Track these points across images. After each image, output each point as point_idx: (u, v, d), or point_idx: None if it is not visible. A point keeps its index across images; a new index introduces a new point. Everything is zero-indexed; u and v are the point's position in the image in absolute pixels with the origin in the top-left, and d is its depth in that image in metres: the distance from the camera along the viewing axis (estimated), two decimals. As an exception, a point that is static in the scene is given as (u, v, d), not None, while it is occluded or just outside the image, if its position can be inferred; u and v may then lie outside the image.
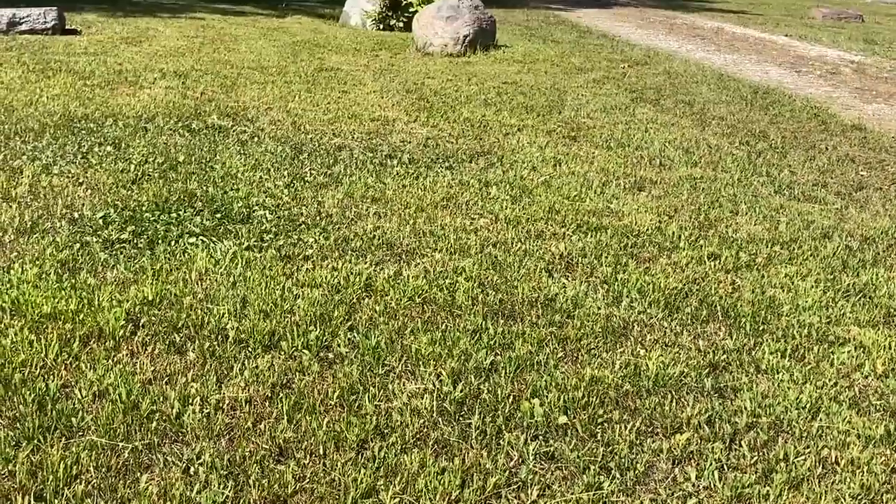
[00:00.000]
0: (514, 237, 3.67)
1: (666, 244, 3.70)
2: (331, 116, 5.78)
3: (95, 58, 7.36)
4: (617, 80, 7.95)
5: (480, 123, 5.83)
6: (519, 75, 7.89)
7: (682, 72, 8.57)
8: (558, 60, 8.87)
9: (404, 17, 11.12)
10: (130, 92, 6.09)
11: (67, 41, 8.12)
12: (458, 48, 8.93)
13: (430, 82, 7.28)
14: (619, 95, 7.18)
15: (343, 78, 7.26)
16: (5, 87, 5.96)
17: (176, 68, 7.09)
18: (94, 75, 6.56)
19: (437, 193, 4.21)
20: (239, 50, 8.39)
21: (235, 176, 4.28)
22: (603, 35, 11.80)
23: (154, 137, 4.91)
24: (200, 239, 3.42)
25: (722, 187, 4.65)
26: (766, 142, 5.85)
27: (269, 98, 6.23)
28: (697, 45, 11.47)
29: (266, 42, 9.01)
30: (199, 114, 5.57)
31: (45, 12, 8.52)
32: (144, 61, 7.38)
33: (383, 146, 5.09)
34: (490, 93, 6.95)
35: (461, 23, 9.03)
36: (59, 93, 5.87)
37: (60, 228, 3.42)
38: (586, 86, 7.54)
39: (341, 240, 3.52)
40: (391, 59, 8.50)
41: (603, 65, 8.76)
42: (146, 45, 8.27)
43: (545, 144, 5.35)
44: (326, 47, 8.94)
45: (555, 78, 7.83)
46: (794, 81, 8.75)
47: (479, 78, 7.61)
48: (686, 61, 9.42)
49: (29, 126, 4.94)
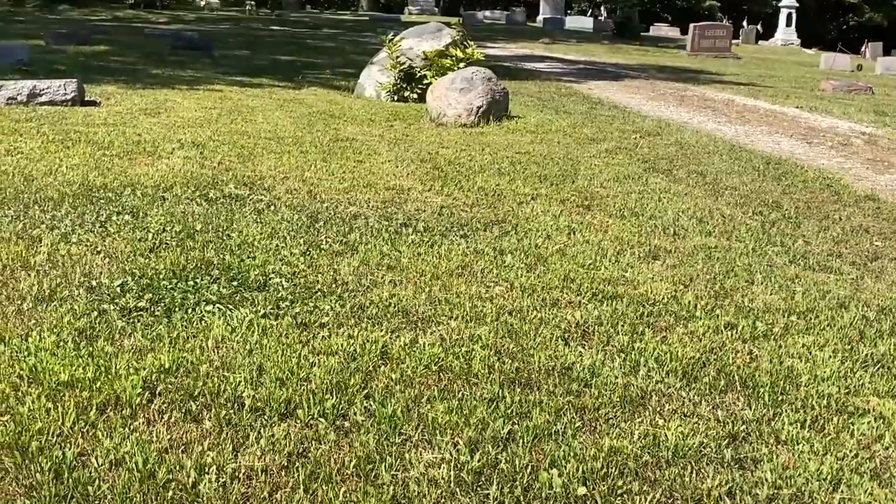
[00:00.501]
0: (530, 305, 3.67)
1: (682, 313, 3.69)
2: (346, 185, 5.83)
3: (114, 128, 7.46)
4: (629, 150, 8.01)
5: (494, 192, 5.87)
6: (532, 145, 7.96)
7: (693, 143, 8.63)
8: (571, 131, 8.95)
9: (418, 89, 11.27)
10: (149, 162, 6.16)
11: (87, 112, 8.25)
12: (471, 119, 9.02)
13: (444, 152, 7.35)
14: (632, 165, 7.23)
15: (358, 148, 7.34)
16: (25, 157, 6.04)
17: (194, 139, 7.18)
18: (112, 146, 6.64)
19: (453, 261, 4.22)
20: (256, 120, 8.50)
21: (252, 244, 4.31)
22: (614, 106, 11.92)
23: (172, 206, 4.96)
24: (217, 307, 3.43)
25: (737, 257, 4.65)
26: (780, 212, 5.86)
27: (285, 167, 6.30)
28: (708, 116, 11.56)
29: (282, 113, 9.13)
30: (216, 183, 5.63)
31: (65, 84, 8.67)
32: (163, 132, 7.48)
33: (398, 214, 5.13)
34: (503, 162, 7.01)
35: (474, 94, 9.14)
36: (78, 163, 5.95)
37: (78, 296, 3.44)
38: (599, 156, 7.60)
39: (357, 307, 3.52)
40: (405, 129, 8.59)
41: (615, 135, 8.83)
42: (164, 115, 8.39)
43: (559, 213, 5.38)
44: (342, 118, 9.04)
45: (567, 148, 7.90)
46: (806, 152, 8.80)
47: (492, 148, 7.68)
48: (697, 132, 9.48)
49: (48, 195, 5.00)
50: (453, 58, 11.27)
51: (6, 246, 4.01)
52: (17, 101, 8.51)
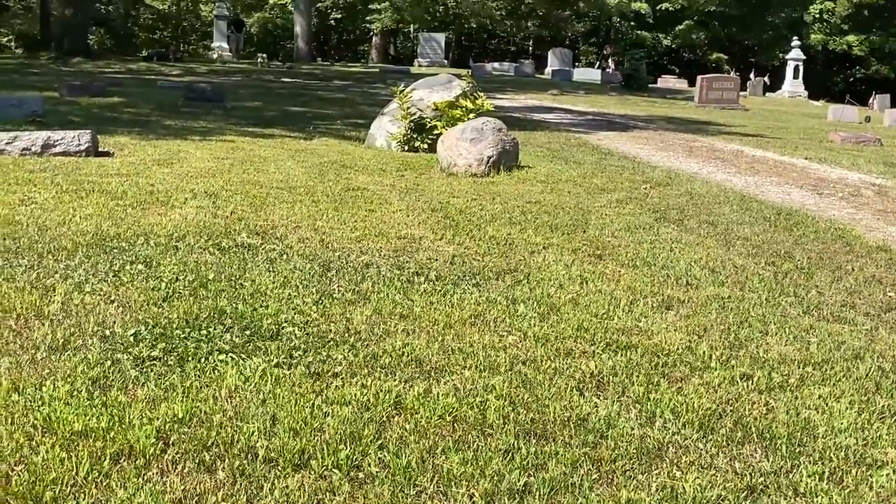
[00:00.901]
0: (544, 355, 3.66)
1: (697, 364, 3.67)
2: (358, 234, 5.84)
3: (127, 179, 7.51)
4: (639, 200, 8.03)
5: (506, 241, 5.88)
6: (542, 195, 7.98)
7: (704, 193, 8.65)
8: (581, 181, 8.98)
9: (428, 140, 11.33)
10: (162, 212, 6.19)
11: (100, 163, 8.32)
12: (481, 168, 9.07)
13: (454, 201, 7.37)
14: (643, 215, 7.24)
15: (370, 197, 7.37)
16: (39, 207, 6.08)
17: (206, 188, 7.22)
18: (126, 196, 6.68)
19: (465, 310, 4.21)
20: (268, 170, 8.55)
21: (264, 293, 4.31)
22: (624, 157, 11.97)
23: (185, 256, 4.98)
24: (230, 356, 3.42)
25: (750, 307, 4.64)
26: (792, 262, 5.85)
27: (297, 217, 6.32)
28: (717, 167, 11.60)
29: (294, 163, 9.18)
30: (228, 232, 5.65)
31: (78, 135, 8.75)
32: (175, 182, 7.52)
33: (410, 263, 5.13)
34: (514, 212, 7.03)
35: (485, 144, 9.19)
36: (91, 212, 5.98)
37: (92, 345, 3.44)
38: (609, 205, 7.61)
39: (370, 357, 3.51)
40: (416, 179, 8.63)
41: (625, 185, 8.86)
42: (177, 166, 8.45)
43: (571, 262, 5.37)
44: (353, 168, 9.09)
45: (578, 198, 7.92)
46: (817, 203, 8.80)
47: (502, 197, 7.70)
48: (707, 183, 9.51)
49: (62, 245, 5.02)
50: (463, 108, 11.35)
51: (20, 295, 4.01)
52: (31, 151, 8.59)
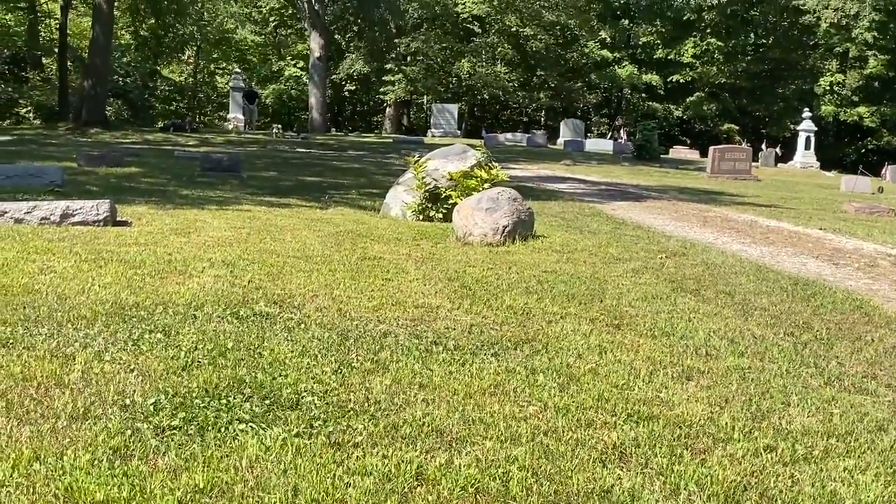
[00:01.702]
0: (565, 426, 3.63)
1: (720, 435, 3.64)
2: (375, 303, 5.85)
3: (146, 248, 7.56)
4: (655, 270, 8.03)
5: (523, 311, 5.87)
6: (558, 264, 7.99)
7: (720, 263, 8.64)
8: (596, 250, 8.99)
9: (443, 209, 11.41)
10: (180, 280, 6.22)
11: (118, 232, 8.38)
12: (497, 238, 9.10)
13: (471, 270, 7.38)
14: (659, 285, 7.23)
15: (386, 266, 7.39)
16: (59, 276, 6.12)
17: (224, 258, 7.26)
18: (144, 265, 6.72)
19: (485, 380, 4.20)
20: (284, 239, 8.60)
21: (283, 362, 4.31)
22: (638, 227, 12.00)
23: (203, 325, 4.99)
24: (250, 425, 3.41)
25: (771, 378, 4.61)
26: (811, 333, 5.82)
27: (314, 286, 6.34)
28: (732, 237, 11.61)
29: (310, 232, 9.24)
30: (246, 301, 5.66)
31: (97, 205, 8.83)
32: (193, 251, 7.57)
33: (428, 333, 5.13)
34: (531, 281, 7.03)
35: (500, 214, 9.24)
36: (110, 281, 6.01)
37: (112, 415, 3.44)
38: (625, 275, 7.61)
39: (391, 427, 3.50)
40: (432, 248, 8.66)
41: (640, 255, 8.87)
42: (195, 235, 8.51)
43: (589, 332, 5.36)
44: (368, 237, 9.14)
45: (594, 267, 7.92)
46: (833, 273, 8.79)
47: (518, 267, 7.72)
48: (723, 253, 9.51)
49: (81, 314, 5.04)
50: (478, 178, 11.44)
51: (41, 364, 4.02)
52: (50, 220, 8.68)
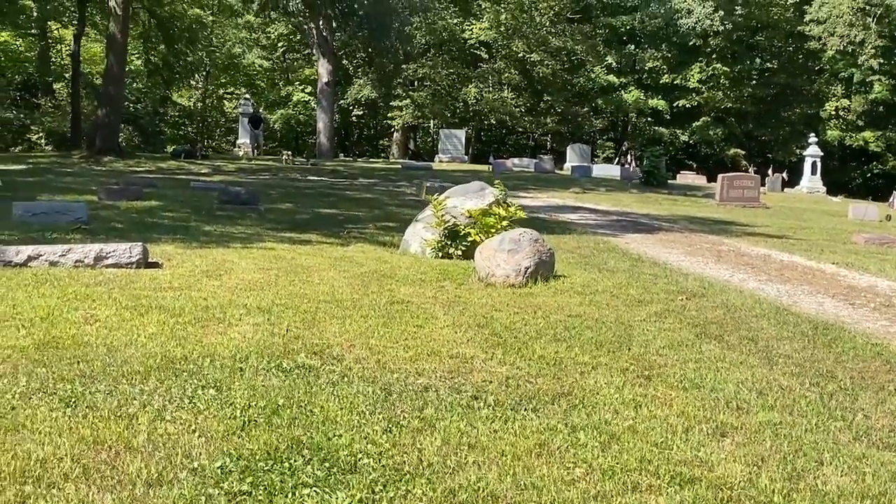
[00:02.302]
0: (613, 489, 3.80)
1: (761, 498, 3.80)
2: (412, 354, 6.03)
3: (181, 293, 7.76)
4: (677, 313, 8.20)
5: (555, 361, 6.05)
6: (582, 307, 8.17)
7: (739, 305, 8.82)
8: (617, 291, 9.17)
9: (462, 247, 11.61)
10: (221, 330, 6.41)
11: (152, 275, 8.58)
12: (519, 279, 9.29)
13: (498, 315, 7.56)
14: (683, 330, 7.41)
15: (415, 311, 7.57)
16: (104, 326, 6.31)
17: (258, 303, 7.45)
18: (183, 312, 6.92)
19: (529, 439, 4.37)
20: (312, 281, 8.79)
21: (335, 420, 4.49)
22: (654, 263, 12.18)
23: (252, 378, 5.17)
24: (314, 490, 3.59)
25: (802, 433, 4.77)
26: (836, 382, 5.99)
27: (349, 334, 6.52)
28: (748, 273, 11.78)
29: (336, 273, 9.43)
30: (287, 352, 5.85)
31: (130, 248, 9.04)
32: (227, 296, 7.77)
33: (467, 386, 5.31)
34: (558, 327, 7.21)
35: (522, 255, 9.43)
36: (155, 331, 6.20)
37: (185, 479, 3.61)
38: (649, 319, 7.78)
39: (448, 492, 3.67)
40: (457, 290, 8.84)
41: (661, 296, 9.04)
42: (226, 277, 8.70)
43: (622, 384, 5.53)
44: (393, 278, 9.32)
45: (617, 311, 8.10)
46: (850, 314, 8.95)
47: (544, 311, 7.90)
48: (741, 293, 9.68)
49: (134, 369, 5.22)
50: (496, 216, 11.65)
51: (107, 425, 4.21)
52: (84, 263, 8.88)
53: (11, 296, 7.27)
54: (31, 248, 8.91)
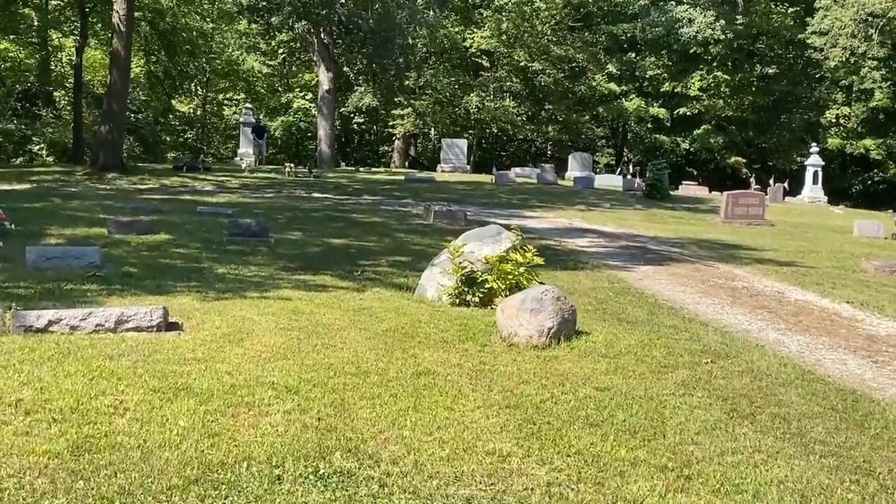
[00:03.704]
0: None
1: None
2: (448, 452, 5.96)
3: (206, 366, 7.69)
4: (705, 382, 8.15)
5: (593, 457, 5.99)
6: (608, 377, 8.12)
7: (765, 370, 8.77)
8: (641, 353, 9.12)
9: (479, 293, 11.57)
10: (252, 421, 6.34)
11: (173, 342, 8.51)
12: (542, 340, 9.23)
13: (526, 391, 7.50)
14: (714, 408, 7.35)
15: (443, 386, 7.51)
16: (135, 418, 6.24)
17: (285, 380, 7.37)
18: (212, 396, 6.84)
19: (582, 575, 4.31)
20: (335, 346, 8.73)
21: (383, 552, 4.43)
22: (671, 309, 12.13)
23: (292, 489, 5.12)
24: None
25: (853, 557, 4.72)
26: (875, 479, 5.94)
27: (381, 422, 6.46)
28: (765, 320, 11.74)
29: (357, 332, 9.36)
30: (322, 451, 5.79)
31: (151, 311, 8.97)
32: (252, 369, 7.70)
33: (508, 498, 5.25)
34: (589, 406, 7.15)
35: (545, 315, 9.37)
36: (187, 425, 6.14)
37: None
38: (677, 393, 7.73)
39: None
40: (480, 354, 8.78)
41: (685, 359, 8.99)
42: (248, 343, 8.63)
43: (664, 491, 5.48)
44: (415, 338, 9.26)
45: (644, 381, 8.05)
46: (875, 377, 8.92)
47: (571, 382, 7.84)
48: (764, 353, 9.63)
49: (172, 483, 5.16)
50: (514, 262, 11.60)
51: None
52: (105, 327, 8.81)
53: (37, 375, 7.20)
54: (51, 313, 8.84)
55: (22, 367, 7.43)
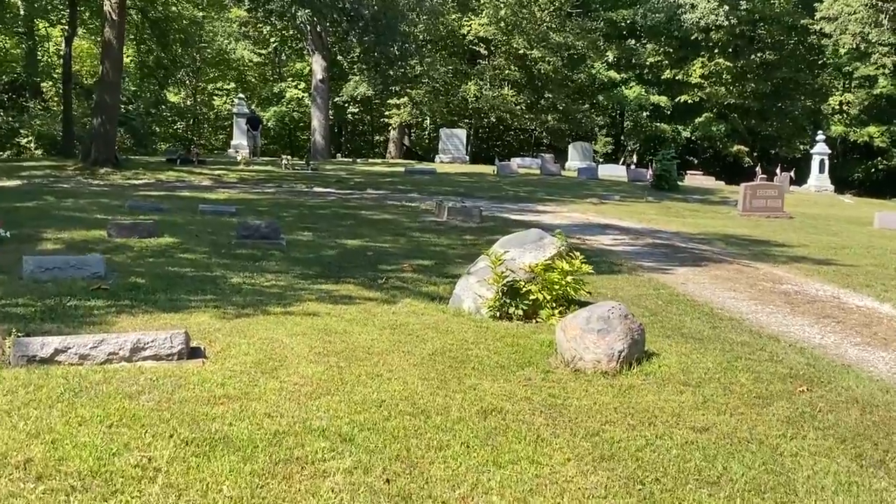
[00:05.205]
0: None
1: None
2: (553, 526, 4.93)
3: (241, 407, 6.62)
4: (811, 418, 7.12)
5: (726, 531, 4.96)
6: (700, 413, 7.09)
7: (867, 398, 7.75)
8: (724, 379, 8.09)
9: (524, 306, 10.52)
10: (309, 486, 5.28)
11: (199, 375, 7.42)
12: (612, 365, 8.20)
13: (615, 435, 6.46)
14: (837, 454, 6.32)
15: (517, 430, 6.47)
16: (168, 483, 5.16)
17: (337, 426, 6.30)
18: (255, 449, 5.77)
19: None
20: (381, 375, 7.68)
21: None
22: (732, 320, 11.10)
23: None
24: None
25: None
26: None
27: (462, 485, 5.41)
28: (837, 333, 10.74)
29: (401, 357, 8.32)
30: (403, 529, 4.74)
31: (171, 336, 7.87)
32: (294, 409, 6.64)
33: None
34: (695, 456, 6.12)
35: (614, 337, 8.33)
36: (233, 496, 5.07)
37: None
38: (787, 434, 6.69)
39: None
40: (546, 384, 7.74)
41: (777, 387, 7.95)
42: (283, 373, 7.56)
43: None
44: (467, 363, 8.23)
45: (744, 418, 7.01)
46: None
47: (662, 423, 6.80)
48: (857, 376, 8.58)
49: (233, 586, 4.11)
50: (560, 271, 10.56)
51: None
52: (119, 356, 7.73)
53: (47, 423, 6.11)
54: (57, 340, 7.74)
55: (28, 411, 6.36)
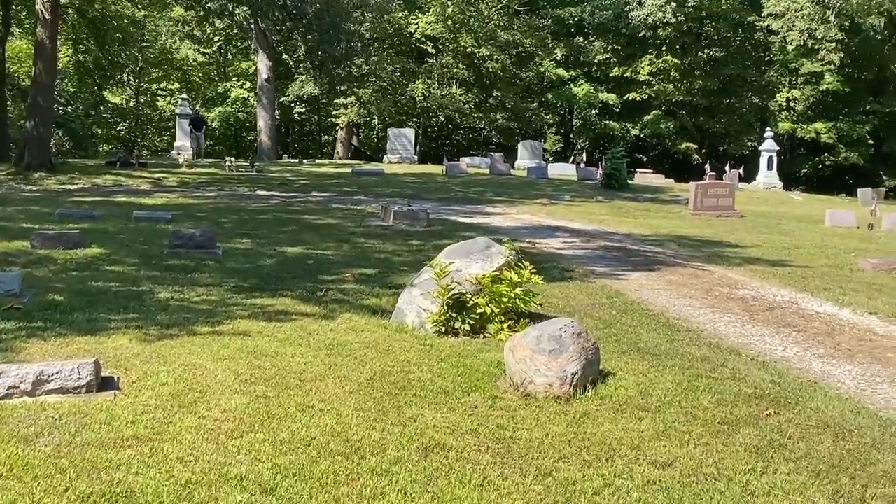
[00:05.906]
0: None
1: None
2: None
3: (151, 450, 5.87)
4: (781, 447, 6.55)
5: None
6: (661, 444, 6.49)
7: (839, 422, 7.22)
8: (685, 403, 7.51)
9: (470, 320, 9.86)
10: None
11: (109, 412, 6.65)
12: (565, 389, 7.58)
13: (570, 475, 5.84)
14: (812, 491, 5.75)
15: (461, 471, 5.82)
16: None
17: (257, 473, 5.59)
18: (162, 507, 5.05)
19: None
20: (312, 406, 6.98)
21: None
22: (689, 332, 10.56)
23: None
24: None
25: None
26: None
27: (397, 544, 4.74)
28: (799, 344, 10.25)
29: (336, 384, 7.61)
30: None
31: (79, 367, 7.08)
32: (212, 450, 5.91)
33: None
34: (658, 500, 5.51)
35: (566, 358, 7.70)
36: (129, 570, 4.35)
37: None
38: (757, 468, 6.11)
39: None
40: (493, 412, 7.11)
41: (742, 411, 7.38)
42: (202, 406, 6.82)
43: None
44: (407, 389, 7.56)
45: (708, 450, 6.42)
46: (966, 424, 7.43)
47: (621, 458, 6.20)
48: (825, 394, 8.07)
49: None
50: (509, 282, 9.93)
51: None
52: (20, 390, 6.92)
53: (-80, 479, 5.33)
54: (-52, 374, 6.93)
55: None
